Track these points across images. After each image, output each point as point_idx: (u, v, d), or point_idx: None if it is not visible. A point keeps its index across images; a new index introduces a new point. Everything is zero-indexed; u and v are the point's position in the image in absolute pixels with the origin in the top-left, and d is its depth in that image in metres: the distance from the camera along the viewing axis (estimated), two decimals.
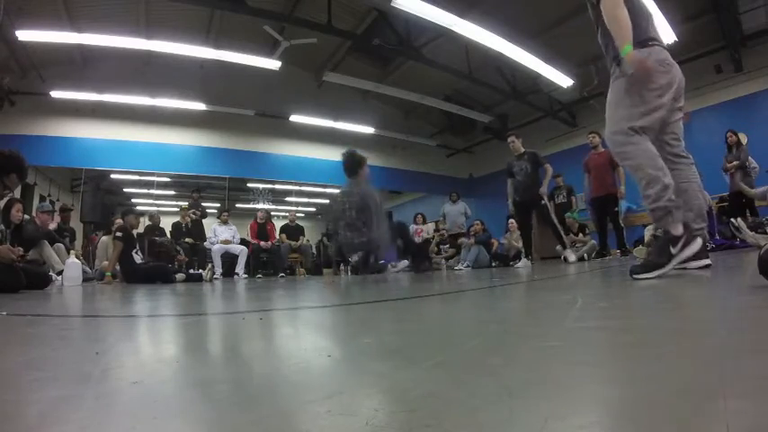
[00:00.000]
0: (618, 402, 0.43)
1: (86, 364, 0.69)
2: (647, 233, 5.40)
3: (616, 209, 5.92)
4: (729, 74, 8.01)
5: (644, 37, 1.97)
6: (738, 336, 0.69)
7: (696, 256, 1.86)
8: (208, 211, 8.70)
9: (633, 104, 1.94)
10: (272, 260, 7.82)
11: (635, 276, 1.77)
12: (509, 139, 5.92)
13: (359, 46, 8.57)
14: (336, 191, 4.12)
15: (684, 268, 1.82)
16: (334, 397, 0.48)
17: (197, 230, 7.76)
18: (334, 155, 10.85)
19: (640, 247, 4.67)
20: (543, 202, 5.58)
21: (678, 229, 1.78)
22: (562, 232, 5.86)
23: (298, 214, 9.40)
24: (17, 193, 4.39)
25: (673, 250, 1.74)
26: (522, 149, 5.83)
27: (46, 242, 4.88)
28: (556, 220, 5.77)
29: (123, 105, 8.57)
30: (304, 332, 1.15)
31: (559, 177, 7.56)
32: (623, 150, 1.95)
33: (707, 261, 1.97)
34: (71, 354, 0.84)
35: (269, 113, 9.72)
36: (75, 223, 8.14)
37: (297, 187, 12.01)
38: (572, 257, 5.40)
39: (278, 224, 8.59)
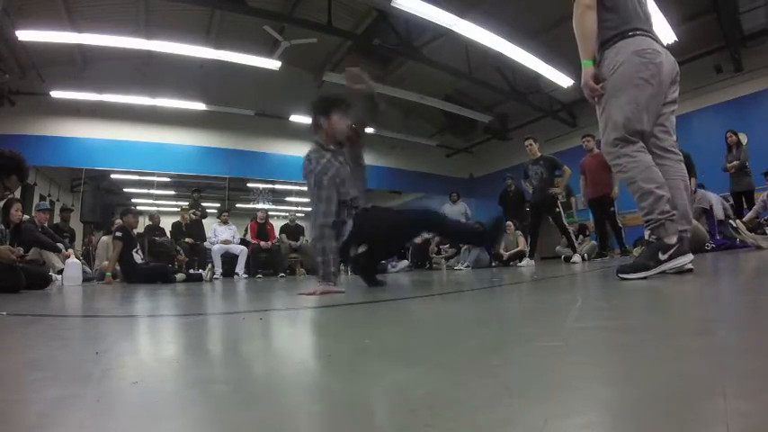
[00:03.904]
0: (618, 402, 0.42)
1: (86, 364, 0.69)
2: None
3: (612, 209, 5.93)
4: (729, 74, 8.00)
5: (624, 28, 1.85)
6: (738, 336, 0.69)
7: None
8: (208, 211, 8.71)
9: (621, 106, 1.85)
10: (271, 260, 7.83)
11: (621, 276, 1.78)
12: (526, 142, 5.91)
13: (359, 46, 8.57)
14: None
15: (664, 272, 1.75)
16: (335, 397, 0.48)
17: (197, 230, 7.76)
18: None
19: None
20: (558, 209, 5.61)
21: (671, 239, 1.77)
22: (573, 237, 5.90)
23: (298, 214, 9.40)
24: (17, 193, 4.38)
25: (662, 257, 1.74)
26: (539, 153, 5.85)
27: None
28: (568, 226, 5.85)
29: (123, 105, 8.57)
30: (304, 332, 1.15)
31: (559, 178, 7.55)
32: (617, 163, 1.89)
33: (689, 264, 1.81)
34: (71, 354, 0.84)
35: (269, 113, 9.71)
36: (75, 223, 8.14)
37: (297, 187, 12.00)
38: (578, 261, 5.42)
39: (278, 224, 8.58)
